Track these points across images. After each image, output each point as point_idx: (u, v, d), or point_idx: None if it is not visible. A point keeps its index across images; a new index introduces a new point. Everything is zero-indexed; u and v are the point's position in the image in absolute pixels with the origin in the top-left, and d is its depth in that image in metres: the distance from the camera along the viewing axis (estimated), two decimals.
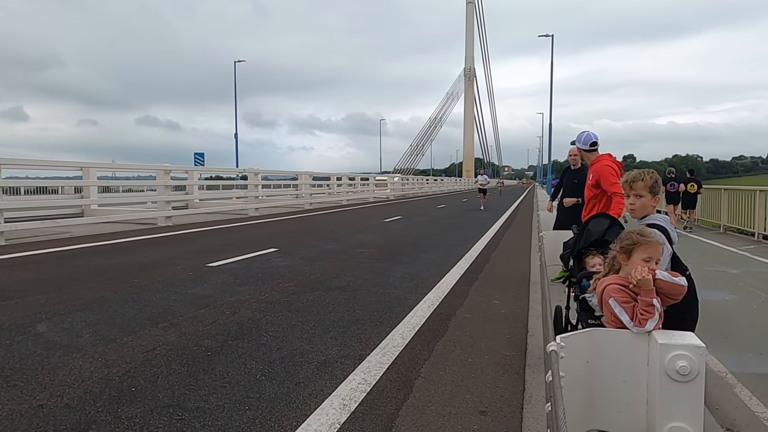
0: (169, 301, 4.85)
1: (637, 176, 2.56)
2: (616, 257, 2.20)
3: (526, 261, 7.90)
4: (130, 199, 15.41)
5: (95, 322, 4.12)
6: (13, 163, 9.97)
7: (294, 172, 22.26)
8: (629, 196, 2.58)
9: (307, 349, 3.56)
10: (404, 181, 39.67)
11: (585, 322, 2.96)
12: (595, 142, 4.81)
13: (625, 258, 2.15)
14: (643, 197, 2.52)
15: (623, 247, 2.16)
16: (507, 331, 4.14)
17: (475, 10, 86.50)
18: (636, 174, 2.57)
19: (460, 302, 5.07)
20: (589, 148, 4.81)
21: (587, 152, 4.85)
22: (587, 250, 3.40)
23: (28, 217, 11.20)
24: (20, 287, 5.39)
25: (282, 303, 4.88)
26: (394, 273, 6.61)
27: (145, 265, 6.89)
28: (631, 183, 2.56)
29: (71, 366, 3.18)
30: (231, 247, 8.63)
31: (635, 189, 2.54)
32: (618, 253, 2.19)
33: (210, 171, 23.78)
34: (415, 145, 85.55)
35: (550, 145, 38.40)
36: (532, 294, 5.52)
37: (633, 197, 2.55)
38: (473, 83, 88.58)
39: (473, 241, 10.10)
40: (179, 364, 3.24)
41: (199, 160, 33.74)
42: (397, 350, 3.58)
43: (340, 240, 10.08)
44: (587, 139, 4.81)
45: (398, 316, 4.47)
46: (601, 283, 2.19)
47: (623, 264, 2.16)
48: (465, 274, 6.62)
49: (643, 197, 2.52)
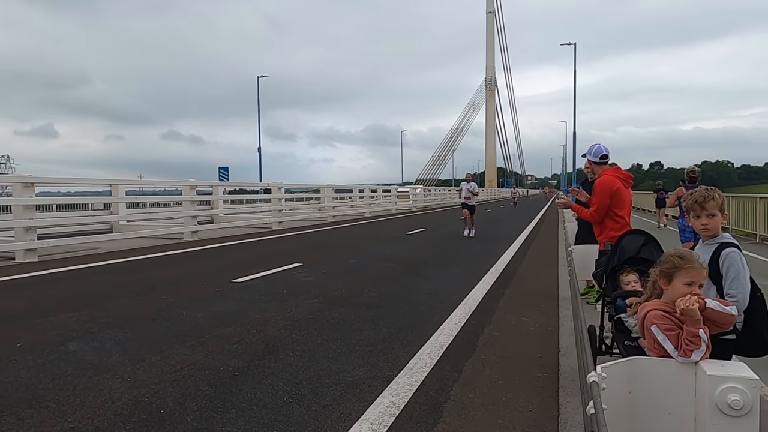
0: (196, 319, 4.87)
1: (707, 195, 2.37)
2: (657, 281, 2.10)
3: (553, 275, 7.74)
4: (157, 214, 15.69)
5: (124, 341, 4.16)
6: (46, 181, 10.26)
7: (316, 185, 22.41)
8: (700, 216, 2.39)
9: (333, 370, 3.52)
10: (426, 192, 39.56)
11: (621, 343, 2.85)
12: (606, 155, 4.68)
13: (665, 282, 2.05)
14: (716, 216, 2.37)
15: (663, 271, 2.07)
16: (538, 351, 4.03)
17: (495, 20, 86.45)
18: (705, 193, 2.38)
19: (488, 319, 4.97)
20: (599, 161, 4.68)
21: (597, 165, 4.72)
22: (621, 267, 3.30)
23: (59, 234, 11.50)
24: (53, 304, 5.50)
25: (307, 320, 4.86)
26: (419, 288, 6.54)
27: (173, 281, 6.97)
28: (702, 203, 2.37)
29: (101, 386, 3.20)
30: (256, 262, 8.68)
31: (707, 209, 2.36)
32: (658, 277, 2.09)
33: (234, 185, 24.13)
34: (437, 155, 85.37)
35: (574, 153, 37.88)
36: (562, 310, 5.38)
37: (705, 217, 2.37)
38: (494, 93, 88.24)
39: (498, 254, 9.95)
40: (207, 385, 3.23)
41: (223, 174, 34.33)
42: (425, 371, 3.51)
43: (364, 254, 10.06)
44: (597, 152, 4.68)
45: (425, 334, 4.40)
46: (643, 308, 2.10)
47: (664, 288, 2.07)
48: (491, 289, 6.51)
49: (716, 216, 2.37)
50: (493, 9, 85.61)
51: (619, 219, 4.49)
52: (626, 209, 4.62)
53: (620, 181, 4.57)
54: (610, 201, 4.46)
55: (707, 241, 2.41)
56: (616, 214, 4.49)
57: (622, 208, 4.56)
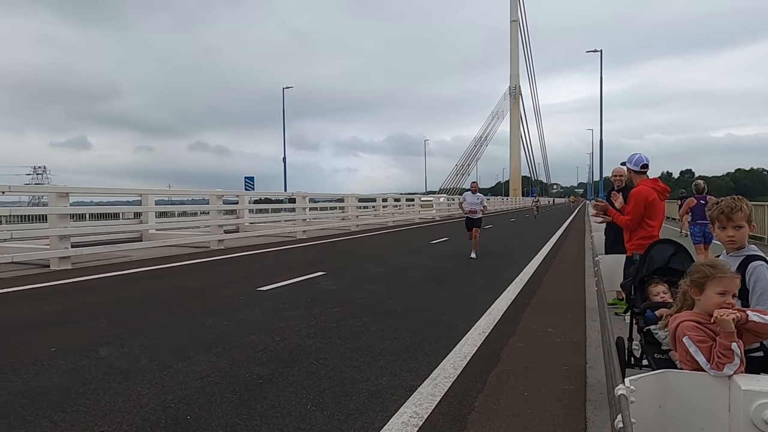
0: (222, 326, 4.94)
1: (734, 206, 2.29)
2: (688, 292, 2.05)
3: (579, 285, 7.59)
4: (184, 223, 16.02)
5: (152, 347, 4.25)
6: (80, 191, 10.60)
7: (340, 195, 22.56)
8: (726, 228, 2.31)
9: (357, 379, 3.52)
10: (450, 201, 39.38)
11: (651, 356, 2.78)
12: (646, 165, 4.78)
13: (697, 292, 2.00)
14: (743, 228, 2.29)
15: (694, 281, 2.01)
16: (564, 362, 3.95)
17: (519, 29, 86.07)
18: (732, 203, 2.30)
19: (513, 330, 4.90)
20: (640, 170, 4.77)
21: (636, 174, 4.77)
22: (650, 278, 3.22)
23: (92, 242, 11.84)
24: (85, 311, 5.65)
25: (331, 329, 4.88)
26: (442, 298, 6.50)
27: (199, 289, 7.09)
28: (728, 214, 2.28)
29: (130, 392, 3.27)
30: (280, 270, 8.77)
31: (734, 220, 2.27)
32: (689, 288, 2.04)
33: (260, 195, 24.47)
34: (461, 164, 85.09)
35: (601, 161, 37.24)
36: (589, 321, 5.27)
37: (732, 229, 2.29)
38: (519, 101, 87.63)
39: (523, 263, 9.83)
40: (232, 392, 3.27)
41: (249, 184, 34.86)
42: (448, 381, 3.48)
43: (387, 263, 10.05)
44: (638, 161, 4.75)
45: (449, 344, 4.37)
46: (674, 320, 2.04)
47: (696, 299, 2.01)
48: (516, 299, 6.42)
49: (743, 228, 2.29)
50: (517, 18, 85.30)
51: (649, 228, 4.60)
52: (658, 220, 4.70)
53: (656, 193, 4.65)
54: (645, 211, 4.57)
55: (732, 253, 2.34)
56: (648, 224, 4.60)
57: (654, 219, 4.65)
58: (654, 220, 4.64)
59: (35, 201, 29.36)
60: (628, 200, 4.73)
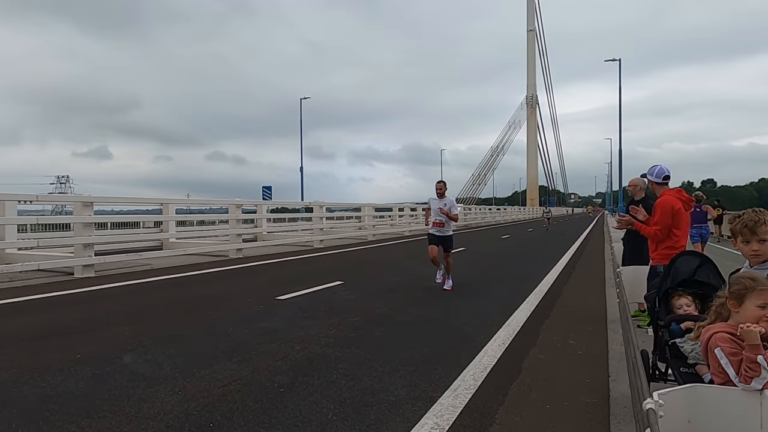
0: (242, 335, 4.99)
1: (757, 220, 2.26)
2: (725, 304, 2.02)
3: (600, 296, 7.49)
4: (204, 232, 16.23)
5: (175, 355, 4.30)
6: (104, 200, 10.83)
7: (357, 204, 22.64)
8: (749, 241, 2.27)
9: (377, 389, 3.52)
10: (467, 210, 39.22)
11: (677, 370, 2.74)
12: (668, 176, 4.77)
13: (735, 305, 1.97)
14: (767, 241, 2.26)
15: (733, 293, 1.99)
16: (586, 375, 3.90)
17: (536, 38, 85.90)
18: (755, 217, 2.28)
19: (533, 341, 4.86)
20: (662, 181, 4.75)
21: (658, 185, 4.75)
22: (675, 290, 3.18)
23: (114, 250, 12.06)
24: (109, 318, 5.76)
25: (349, 339, 4.89)
26: (461, 308, 6.47)
27: (219, 297, 7.17)
28: (752, 228, 2.26)
29: (154, 398, 3.31)
30: (298, 279, 8.82)
31: (759, 233, 2.25)
32: (727, 299, 2.01)
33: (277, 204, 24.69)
34: (477, 174, 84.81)
35: (620, 171, 36.80)
36: (611, 333, 5.20)
37: (756, 243, 2.26)
38: (536, 110, 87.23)
39: (542, 273, 9.73)
40: (253, 401, 3.30)
41: (266, 193, 35.19)
42: (469, 393, 3.46)
43: (405, 272, 10.04)
44: (660, 173, 4.74)
45: (468, 355, 4.34)
46: (707, 331, 2.02)
47: (734, 311, 1.98)
48: (536, 310, 6.36)
49: (767, 241, 2.26)
50: (534, 27, 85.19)
51: (675, 238, 4.57)
52: (684, 230, 4.68)
53: (681, 203, 4.62)
54: (672, 220, 4.54)
55: (756, 266, 2.30)
56: (674, 234, 4.58)
57: (680, 229, 4.62)
58: (680, 230, 4.62)
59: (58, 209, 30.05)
60: (654, 211, 4.70)
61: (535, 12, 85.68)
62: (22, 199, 9.73)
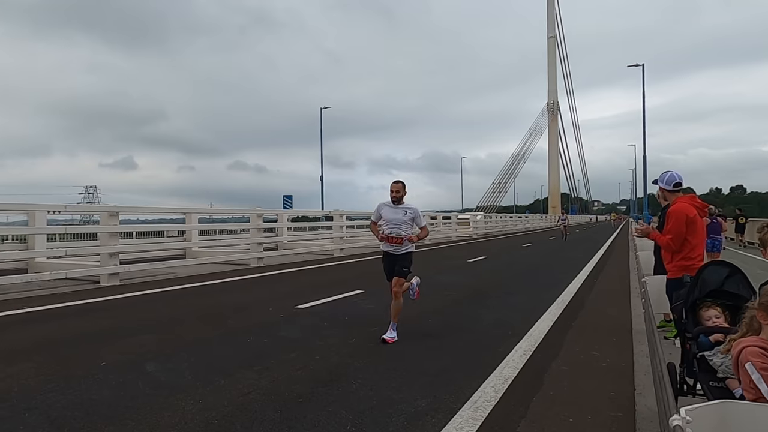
0: (262, 344, 5.02)
1: None
2: (756, 316, 1.95)
3: (625, 306, 7.33)
4: (225, 241, 16.43)
5: (196, 363, 4.34)
6: (129, 210, 11.07)
7: None
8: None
9: (396, 399, 3.49)
10: (487, 218, 38.94)
11: (706, 384, 2.65)
12: (679, 183, 4.53)
13: (765, 316, 1.90)
14: None
15: (763, 305, 1.92)
16: (611, 388, 3.80)
17: (557, 44, 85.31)
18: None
19: (555, 352, 4.77)
20: (672, 188, 4.54)
21: (670, 193, 4.56)
22: (703, 301, 3.09)
23: (138, 259, 12.29)
24: (133, 326, 5.85)
25: (369, 348, 4.87)
26: (481, 318, 6.40)
27: (241, 305, 7.23)
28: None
29: (175, 407, 3.34)
30: (318, 288, 8.85)
31: None
32: (757, 311, 1.94)
33: (298, 213, 24.89)
34: (498, 181, 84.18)
35: (645, 178, 36.13)
36: (636, 345, 5.07)
37: None
38: (557, 117, 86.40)
39: (564, 283, 9.57)
40: (272, 410, 3.30)
41: (287, 202, 35.54)
42: (490, 405, 3.40)
43: (425, 282, 9.93)
44: (670, 180, 4.54)
45: (489, 366, 4.28)
46: (738, 344, 1.95)
47: (764, 324, 1.91)
48: (558, 320, 6.25)
49: None
50: (555, 33, 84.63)
51: (690, 247, 4.33)
52: (700, 238, 4.44)
53: (696, 210, 4.40)
54: (686, 229, 4.30)
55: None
56: (689, 242, 4.33)
57: (696, 237, 4.38)
58: (696, 239, 4.37)
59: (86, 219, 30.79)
60: (666, 219, 4.48)
61: (555, 18, 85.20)
62: (51, 209, 10.01)
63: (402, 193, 5.47)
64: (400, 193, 5.45)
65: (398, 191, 5.45)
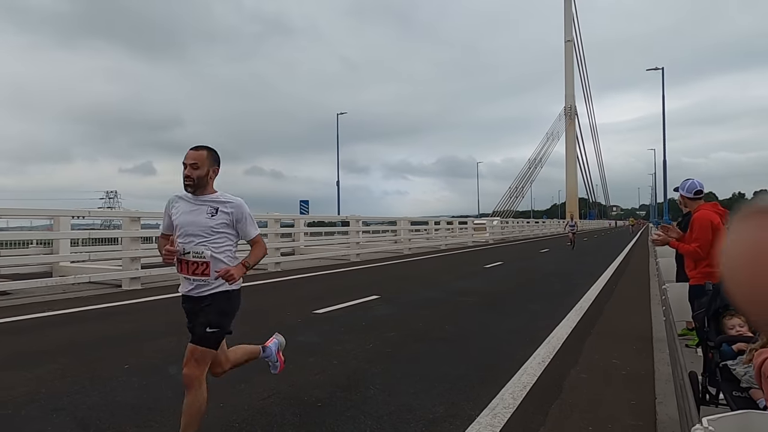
0: None
1: None
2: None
3: (645, 314, 7.23)
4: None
5: None
6: (150, 215, 11.27)
7: (393, 218, 22.71)
8: None
9: (414, 405, 3.51)
10: (504, 223, 38.69)
11: (729, 393, 2.62)
12: (700, 191, 4.60)
13: None
14: None
15: None
16: (631, 396, 3.76)
17: (574, 48, 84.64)
18: None
19: (574, 360, 4.73)
20: (693, 196, 4.58)
21: (691, 200, 4.58)
22: (725, 309, 3.05)
23: (159, 264, 12.48)
24: (155, 329, 5.97)
25: (386, 354, 4.89)
26: (498, 324, 6.37)
27: (258, 310, 7.31)
28: None
29: None
30: (335, 293, 8.90)
31: None
32: None
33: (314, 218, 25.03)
34: (515, 186, 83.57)
35: (665, 182, 35.58)
36: (657, 353, 5.00)
37: None
38: (575, 121, 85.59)
39: (583, 289, 9.47)
40: (292, 414, 3.34)
41: (304, 207, 35.75)
42: (508, 412, 3.40)
43: (441, 287, 9.97)
44: (691, 187, 4.57)
45: (507, 372, 4.27)
46: (759, 355, 1.93)
47: None
48: (577, 327, 6.19)
49: None
50: (572, 37, 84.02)
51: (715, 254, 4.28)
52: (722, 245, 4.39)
53: (719, 217, 4.40)
54: (713, 236, 4.31)
55: None
56: (715, 249, 4.29)
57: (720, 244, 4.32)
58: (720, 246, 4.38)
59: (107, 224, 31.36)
60: (690, 227, 4.47)
61: (573, 22, 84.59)
62: (75, 214, 10.24)
63: (204, 172, 2.84)
64: (199, 172, 2.83)
65: (196, 166, 2.83)
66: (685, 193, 4.60)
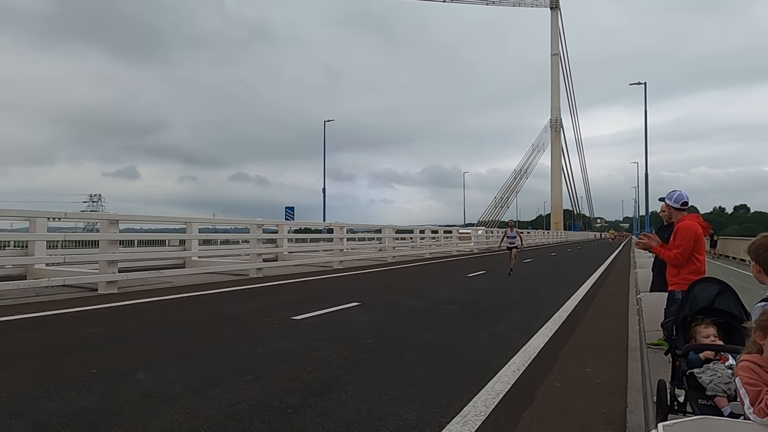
0: (255, 354, 5.00)
1: None
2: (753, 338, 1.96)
3: (623, 324, 7.27)
4: (226, 251, 16.44)
5: (187, 372, 4.33)
6: (129, 219, 11.11)
7: (378, 226, 22.68)
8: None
9: (385, 413, 3.47)
10: (488, 233, 38.87)
11: (695, 401, 2.63)
12: (686, 202, 4.74)
13: (761, 336, 1.90)
14: None
15: (760, 324, 1.92)
16: (603, 405, 3.77)
17: (560, 61, 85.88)
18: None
19: (549, 368, 4.73)
20: (680, 207, 4.73)
21: (677, 211, 4.73)
22: (694, 318, 3.07)
23: (137, 267, 12.30)
24: (126, 334, 5.84)
25: (362, 361, 4.85)
26: (477, 332, 6.36)
27: (236, 315, 7.22)
28: None
29: (163, 416, 3.32)
30: (315, 300, 8.83)
31: None
32: (753, 330, 1.95)
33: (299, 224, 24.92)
34: (500, 197, 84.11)
35: (647, 196, 36.11)
36: (631, 362, 5.02)
37: None
38: (560, 134, 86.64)
39: (563, 299, 9.52)
40: (260, 420, 3.28)
41: (289, 214, 35.65)
42: (479, 419, 3.37)
43: (423, 295, 9.95)
44: (678, 198, 4.72)
45: (481, 380, 4.25)
46: (740, 361, 1.96)
47: (760, 343, 1.91)
48: (554, 336, 6.21)
49: None
50: (558, 51, 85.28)
51: (697, 263, 4.54)
52: (703, 255, 4.66)
53: (701, 229, 4.60)
54: (694, 245, 4.51)
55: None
56: (697, 259, 4.55)
57: (700, 254, 4.60)
58: (701, 255, 4.60)
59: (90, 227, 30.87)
60: (674, 234, 4.64)
61: (559, 36, 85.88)
62: (51, 216, 10.05)
63: None
64: None
65: None
66: (672, 203, 4.73)
